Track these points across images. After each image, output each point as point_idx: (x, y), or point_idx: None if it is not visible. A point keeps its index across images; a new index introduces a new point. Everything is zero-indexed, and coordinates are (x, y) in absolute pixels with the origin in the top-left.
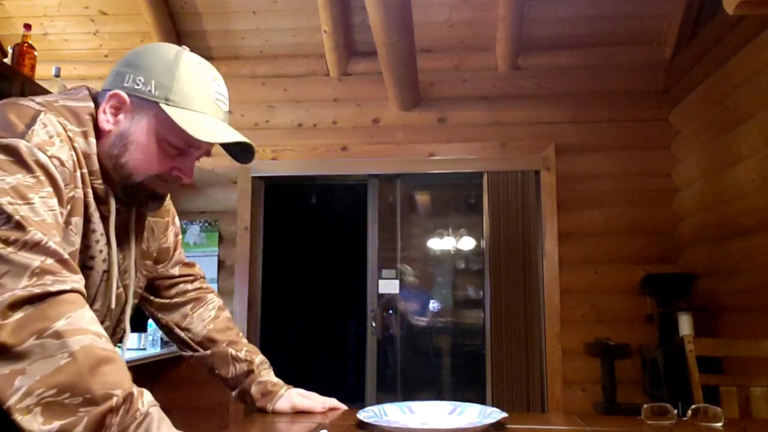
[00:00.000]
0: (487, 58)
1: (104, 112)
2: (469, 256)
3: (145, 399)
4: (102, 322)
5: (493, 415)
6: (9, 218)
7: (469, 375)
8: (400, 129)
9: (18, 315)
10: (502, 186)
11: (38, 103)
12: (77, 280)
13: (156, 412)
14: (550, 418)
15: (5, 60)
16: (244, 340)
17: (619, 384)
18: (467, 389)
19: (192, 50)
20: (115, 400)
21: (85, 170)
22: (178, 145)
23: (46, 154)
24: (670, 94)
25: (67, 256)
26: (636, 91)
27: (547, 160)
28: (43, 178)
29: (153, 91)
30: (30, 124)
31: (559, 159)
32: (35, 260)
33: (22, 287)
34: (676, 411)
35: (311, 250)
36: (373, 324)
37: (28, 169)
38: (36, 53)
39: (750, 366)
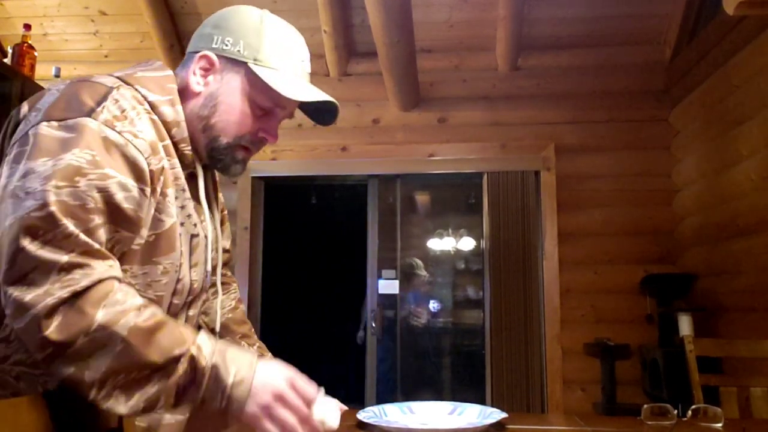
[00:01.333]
0: (487, 58)
1: (194, 74)
2: (468, 257)
3: (206, 351)
4: (195, 288)
5: (493, 415)
6: (43, 206)
7: (468, 375)
8: (400, 129)
9: (57, 319)
10: (502, 186)
11: (116, 78)
12: (106, 268)
13: (220, 359)
14: (550, 419)
15: (5, 60)
16: (256, 337)
17: (619, 384)
18: (467, 389)
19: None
20: (181, 369)
21: (168, 141)
22: (265, 106)
23: (115, 130)
24: (670, 94)
25: (97, 246)
26: (636, 91)
27: (547, 160)
28: (99, 157)
29: (242, 51)
30: (100, 102)
31: (559, 159)
32: (63, 256)
33: (53, 293)
34: (676, 411)
35: (311, 250)
36: (373, 324)
37: (86, 147)
38: (36, 53)
39: (750, 366)
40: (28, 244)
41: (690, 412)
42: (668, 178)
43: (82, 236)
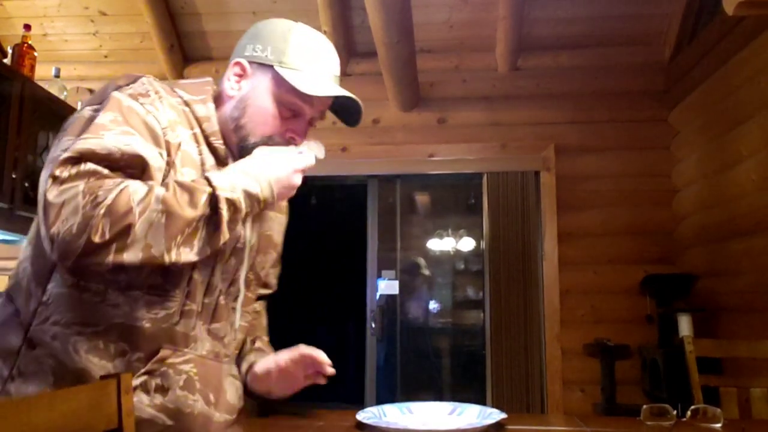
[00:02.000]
0: (487, 58)
1: (228, 80)
2: (468, 257)
3: (222, 183)
4: (213, 277)
5: (493, 415)
6: (67, 152)
7: (468, 375)
8: (400, 129)
9: (105, 227)
10: (502, 186)
11: (156, 78)
12: (119, 181)
13: (236, 196)
14: (549, 419)
15: (5, 60)
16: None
17: (619, 385)
18: (467, 390)
19: (192, 50)
20: (213, 208)
21: (197, 130)
22: (292, 106)
23: (137, 101)
24: (670, 94)
25: (107, 172)
26: (636, 91)
27: (546, 160)
28: (122, 118)
29: (269, 56)
30: (130, 83)
31: (558, 159)
32: (80, 184)
33: (90, 215)
34: (675, 412)
35: (311, 250)
36: (373, 324)
37: (111, 111)
38: (36, 54)
39: (750, 367)
40: (52, 190)
41: (689, 413)
42: (668, 178)
43: (95, 166)
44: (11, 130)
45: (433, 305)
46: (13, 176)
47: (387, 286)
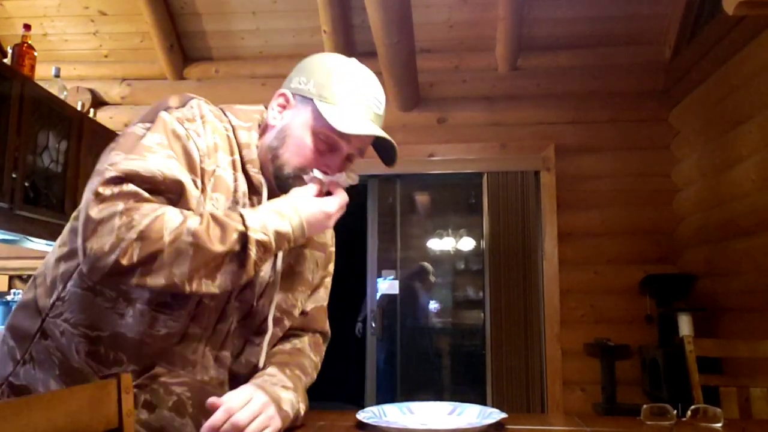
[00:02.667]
0: (487, 58)
1: (272, 109)
2: (468, 257)
3: (254, 224)
4: (227, 305)
5: (493, 415)
6: (113, 171)
7: (468, 375)
8: (400, 129)
9: (135, 252)
10: (502, 186)
11: (207, 101)
12: (156, 206)
13: (267, 239)
14: (549, 419)
15: (5, 60)
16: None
17: (619, 384)
18: (467, 390)
19: (192, 50)
20: (242, 245)
21: (236, 157)
22: (328, 140)
23: (183, 126)
24: (670, 94)
25: (147, 195)
26: (636, 91)
27: (546, 160)
28: (167, 142)
29: (311, 89)
30: (179, 106)
31: (558, 159)
32: (119, 205)
33: (123, 237)
34: (675, 411)
35: None
36: (373, 324)
37: (158, 132)
38: (36, 53)
39: (750, 366)
40: (93, 206)
41: (690, 413)
42: (668, 178)
43: (136, 189)
44: (11, 130)
45: (433, 305)
46: (13, 176)
47: (387, 285)
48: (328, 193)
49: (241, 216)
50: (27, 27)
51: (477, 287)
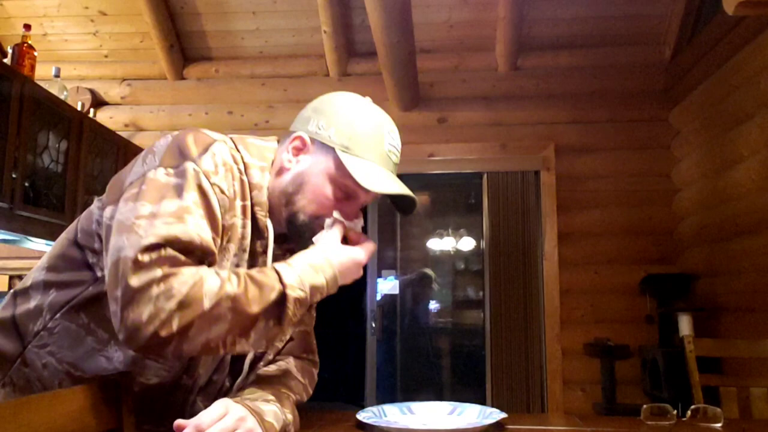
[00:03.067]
0: (487, 58)
1: (287, 151)
2: (468, 257)
3: (292, 281)
4: (226, 356)
5: (493, 415)
6: (154, 238)
7: (468, 375)
8: (400, 129)
9: (174, 322)
10: (502, 186)
11: (224, 136)
12: (194, 270)
13: (307, 276)
14: (549, 419)
15: (5, 60)
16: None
17: (619, 384)
18: (467, 389)
19: (191, 50)
20: (280, 304)
21: (248, 202)
22: (347, 189)
23: (210, 181)
24: (670, 94)
25: (184, 259)
26: (636, 91)
27: (546, 160)
28: (199, 201)
29: (332, 137)
30: (202, 153)
31: (558, 159)
32: (158, 271)
33: (163, 308)
34: (675, 411)
35: None
36: (373, 324)
37: (189, 191)
38: (36, 53)
39: (750, 366)
40: (132, 276)
41: (690, 413)
42: (668, 178)
43: (174, 253)
44: (11, 130)
45: (433, 305)
46: (13, 176)
47: (387, 285)
48: (345, 238)
49: (277, 273)
50: (27, 27)
51: (477, 287)
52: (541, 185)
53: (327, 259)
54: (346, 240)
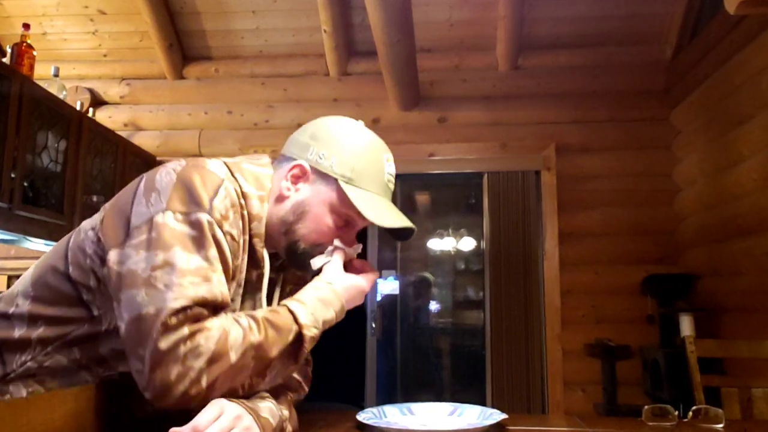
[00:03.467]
0: (488, 57)
1: (286, 179)
2: (469, 257)
3: (306, 320)
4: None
5: (493, 416)
6: (183, 300)
7: (469, 376)
8: (400, 129)
9: (204, 379)
10: (503, 186)
11: (224, 167)
12: (218, 323)
13: (319, 311)
14: (550, 420)
15: (4, 60)
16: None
17: (620, 385)
18: (467, 390)
19: (191, 49)
20: (296, 344)
21: (247, 236)
22: (348, 218)
23: (222, 230)
24: (671, 93)
25: (207, 312)
26: (637, 91)
27: (547, 160)
28: (218, 255)
29: (334, 168)
30: (213, 196)
31: (559, 159)
32: (185, 329)
33: (192, 366)
34: (677, 412)
35: None
36: (373, 325)
37: (209, 246)
38: (35, 53)
39: (751, 367)
40: (161, 336)
41: (691, 413)
42: (669, 178)
43: (200, 311)
44: (10, 130)
45: (433, 305)
46: (12, 176)
47: (387, 285)
48: (348, 263)
49: (292, 313)
50: (26, 26)
51: (477, 287)
52: (542, 185)
53: (334, 292)
54: (347, 265)
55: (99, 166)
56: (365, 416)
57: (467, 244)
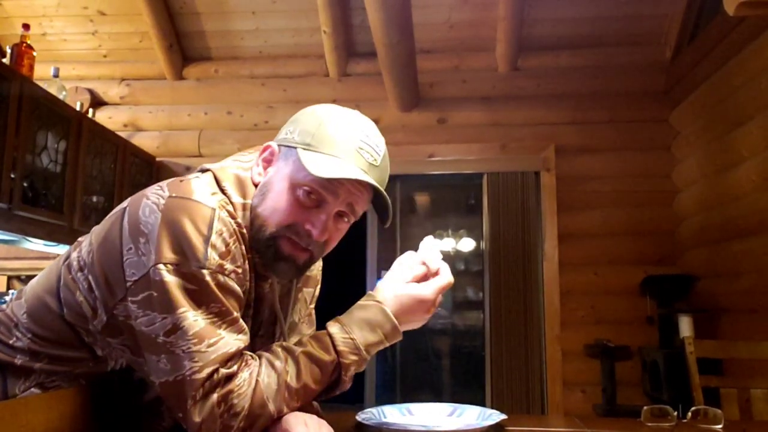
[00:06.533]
0: (487, 58)
1: (257, 165)
2: (468, 257)
3: (344, 361)
4: None
5: (493, 417)
6: (204, 369)
7: (468, 376)
8: (400, 130)
9: (252, 429)
10: (502, 187)
11: (212, 184)
12: (247, 377)
13: (357, 358)
14: (549, 420)
15: (4, 60)
16: None
17: (620, 386)
18: (467, 391)
19: (191, 50)
20: (338, 375)
21: (250, 255)
22: (312, 193)
23: (225, 273)
24: (671, 95)
25: (234, 369)
26: (636, 91)
27: (547, 161)
28: (224, 300)
29: (296, 137)
30: (208, 237)
31: (559, 160)
32: (214, 395)
33: (231, 425)
34: (676, 413)
35: None
36: None
37: (212, 298)
38: (35, 53)
39: (750, 368)
40: (193, 409)
41: (690, 414)
42: (668, 179)
43: (224, 372)
44: (10, 130)
45: None
46: (12, 176)
47: None
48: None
49: (331, 339)
50: (26, 27)
51: (477, 288)
52: (542, 186)
53: (383, 312)
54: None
55: (99, 167)
56: (365, 416)
57: (467, 244)
